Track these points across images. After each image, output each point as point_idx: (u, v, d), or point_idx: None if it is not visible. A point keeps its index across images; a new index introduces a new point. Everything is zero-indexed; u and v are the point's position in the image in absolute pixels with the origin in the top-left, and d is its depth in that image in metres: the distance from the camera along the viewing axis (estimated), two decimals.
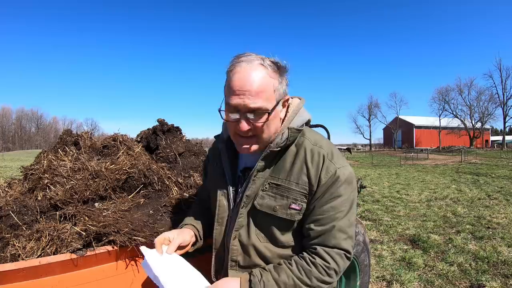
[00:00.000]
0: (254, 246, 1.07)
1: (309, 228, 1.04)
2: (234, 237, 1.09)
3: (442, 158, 29.37)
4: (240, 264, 1.10)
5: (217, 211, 1.14)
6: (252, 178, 1.06)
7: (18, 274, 1.00)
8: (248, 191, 1.06)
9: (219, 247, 1.15)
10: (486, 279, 3.32)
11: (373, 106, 66.00)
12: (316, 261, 1.00)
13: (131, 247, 1.18)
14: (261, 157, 1.04)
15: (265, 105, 0.96)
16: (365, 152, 47.04)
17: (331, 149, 1.07)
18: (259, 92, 0.94)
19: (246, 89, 0.94)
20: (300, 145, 1.07)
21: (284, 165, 1.06)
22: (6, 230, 1.22)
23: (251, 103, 0.94)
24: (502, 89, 50.20)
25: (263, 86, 0.95)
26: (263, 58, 0.98)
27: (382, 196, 8.63)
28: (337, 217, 1.02)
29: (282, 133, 1.05)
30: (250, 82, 0.94)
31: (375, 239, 4.75)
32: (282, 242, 1.07)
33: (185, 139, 2.10)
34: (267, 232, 1.07)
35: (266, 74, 0.96)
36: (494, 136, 74.92)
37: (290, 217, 1.04)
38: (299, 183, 1.03)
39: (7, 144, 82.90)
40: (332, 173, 1.02)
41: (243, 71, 0.95)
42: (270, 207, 1.04)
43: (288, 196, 1.03)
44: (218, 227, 1.14)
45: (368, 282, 2.24)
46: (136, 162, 1.56)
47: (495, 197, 8.13)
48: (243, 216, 1.08)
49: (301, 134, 1.09)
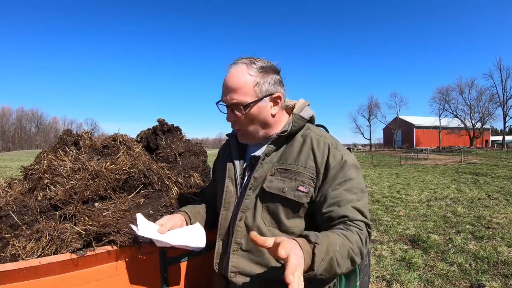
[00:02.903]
0: (258, 228, 1.10)
1: (327, 211, 1.05)
2: (240, 219, 1.13)
3: (442, 158, 29.36)
4: (243, 247, 1.12)
5: (224, 196, 1.20)
6: (260, 162, 1.13)
7: (18, 274, 1.00)
8: (256, 173, 1.13)
9: (224, 233, 1.18)
10: (486, 279, 3.32)
11: (373, 106, 66.08)
12: (351, 228, 1.00)
13: (131, 247, 1.18)
14: (270, 142, 1.14)
15: (243, 99, 1.09)
16: (365, 152, 47.06)
17: (335, 141, 1.16)
18: (237, 89, 1.09)
19: (228, 86, 1.10)
20: (306, 136, 1.16)
21: (291, 153, 1.13)
22: (6, 230, 1.22)
23: (231, 98, 1.09)
24: (502, 89, 50.27)
25: (240, 83, 1.09)
26: (252, 60, 1.12)
27: (382, 196, 8.63)
28: (352, 198, 1.05)
29: (288, 122, 1.16)
30: (232, 81, 1.10)
31: (375, 239, 4.75)
32: (286, 227, 1.10)
33: (185, 139, 2.10)
34: (273, 215, 1.11)
35: (246, 72, 1.09)
36: (494, 136, 74.93)
37: (297, 198, 1.08)
38: (306, 167, 1.09)
39: (7, 144, 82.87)
40: (339, 158, 1.09)
41: (229, 73, 1.12)
42: (279, 188, 1.09)
43: (296, 179, 1.09)
44: (224, 212, 1.19)
45: (368, 282, 2.24)
46: (136, 162, 1.56)
47: (495, 197, 8.13)
48: (250, 198, 1.12)
49: (306, 127, 1.19)
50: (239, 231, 1.12)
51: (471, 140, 53.10)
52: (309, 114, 1.20)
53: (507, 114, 50.56)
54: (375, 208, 6.97)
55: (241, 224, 1.12)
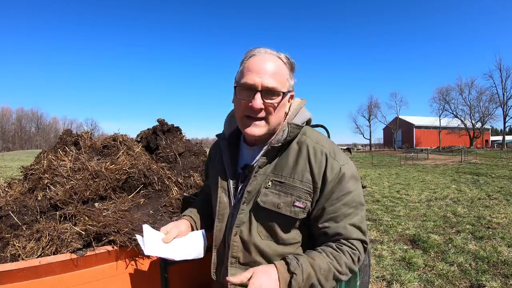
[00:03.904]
0: (254, 243, 1.07)
1: (323, 227, 1.05)
2: (235, 234, 1.08)
3: (442, 158, 29.35)
4: (241, 261, 1.09)
5: (218, 208, 1.15)
6: (253, 174, 1.07)
7: (18, 274, 1.00)
8: (249, 187, 1.07)
9: (219, 244, 1.15)
10: (486, 279, 3.32)
11: (373, 106, 65.99)
12: (343, 248, 1.02)
13: (131, 247, 1.18)
14: (262, 153, 1.07)
15: (280, 87, 1.02)
16: (365, 152, 47.04)
17: (333, 147, 1.09)
18: (275, 74, 1.01)
19: (265, 68, 1.01)
20: (302, 143, 1.08)
21: (287, 163, 1.07)
22: (6, 230, 1.22)
23: (269, 82, 1.00)
24: (502, 89, 50.23)
25: (278, 70, 1.03)
26: (278, 52, 1.07)
27: (382, 196, 8.62)
28: (350, 213, 1.04)
29: (283, 130, 1.07)
30: (269, 64, 1.02)
31: (375, 239, 4.75)
32: (283, 240, 1.07)
33: (185, 139, 2.10)
34: (269, 229, 1.07)
35: (281, 62, 1.05)
36: (494, 136, 74.91)
37: (293, 214, 1.04)
38: (303, 180, 1.04)
39: (7, 144, 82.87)
40: (337, 170, 1.04)
41: (262, 56, 1.03)
42: (274, 204, 1.04)
43: (292, 194, 1.04)
44: (219, 224, 1.14)
45: (368, 282, 2.24)
46: (136, 162, 1.56)
47: (495, 197, 8.12)
48: (244, 212, 1.08)
49: (302, 132, 1.11)
50: (235, 246, 1.08)
51: (471, 140, 53.08)
52: (305, 118, 1.14)
53: (507, 114, 50.55)
54: (375, 208, 6.97)
55: (237, 239, 1.08)
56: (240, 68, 1.06)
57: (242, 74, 1.04)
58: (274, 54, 1.05)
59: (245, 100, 1.02)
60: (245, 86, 1.02)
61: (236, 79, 1.07)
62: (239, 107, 1.06)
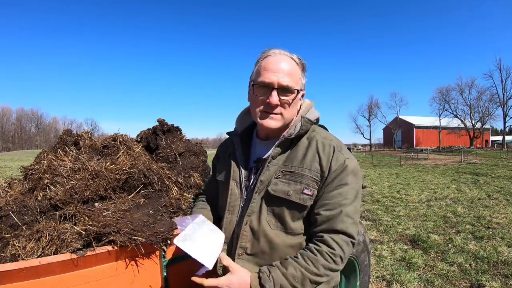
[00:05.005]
0: (264, 232, 1.10)
1: (317, 213, 1.08)
2: (246, 223, 1.12)
3: (442, 158, 29.36)
4: (248, 251, 1.12)
5: (229, 200, 1.19)
6: (266, 164, 1.13)
7: (18, 274, 1.00)
8: (262, 176, 1.13)
9: (229, 236, 1.18)
10: (486, 279, 3.32)
11: (373, 106, 66.02)
12: (322, 249, 1.04)
13: (131, 247, 1.18)
14: (276, 144, 1.14)
15: (294, 85, 1.11)
16: (365, 152, 47.06)
17: (340, 143, 1.17)
18: (290, 73, 1.10)
19: (281, 68, 1.09)
20: (311, 138, 1.16)
21: (296, 155, 1.14)
22: (6, 230, 1.22)
23: (284, 81, 1.09)
24: (502, 89, 50.22)
25: (292, 70, 1.12)
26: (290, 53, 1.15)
27: (382, 196, 8.63)
28: (344, 203, 1.07)
29: (296, 124, 1.16)
30: (284, 64, 1.11)
31: (375, 239, 4.75)
32: (292, 229, 1.11)
33: (185, 139, 2.10)
34: (279, 218, 1.11)
35: (294, 63, 1.14)
36: (494, 136, 74.90)
37: (302, 201, 1.08)
38: (311, 169, 1.10)
39: (7, 144, 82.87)
40: (341, 162, 1.10)
41: (277, 56, 1.12)
42: (284, 191, 1.09)
43: (301, 182, 1.09)
44: (229, 215, 1.18)
45: (368, 282, 2.24)
46: (136, 162, 1.56)
47: (495, 197, 8.13)
48: (256, 201, 1.12)
49: (312, 129, 1.19)
50: (245, 235, 1.12)
51: (471, 140, 53.06)
52: (315, 116, 1.21)
53: (507, 114, 50.54)
54: (375, 208, 6.97)
55: (247, 228, 1.12)
56: (256, 67, 1.15)
57: (259, 73, 1.12)
58: (288, 55, 1.13)
59: (262, 97, 1.10)
60: (262, 84, 1.10)
61: (253, 77, 1.16)
62: (256, 103, 1.14)
